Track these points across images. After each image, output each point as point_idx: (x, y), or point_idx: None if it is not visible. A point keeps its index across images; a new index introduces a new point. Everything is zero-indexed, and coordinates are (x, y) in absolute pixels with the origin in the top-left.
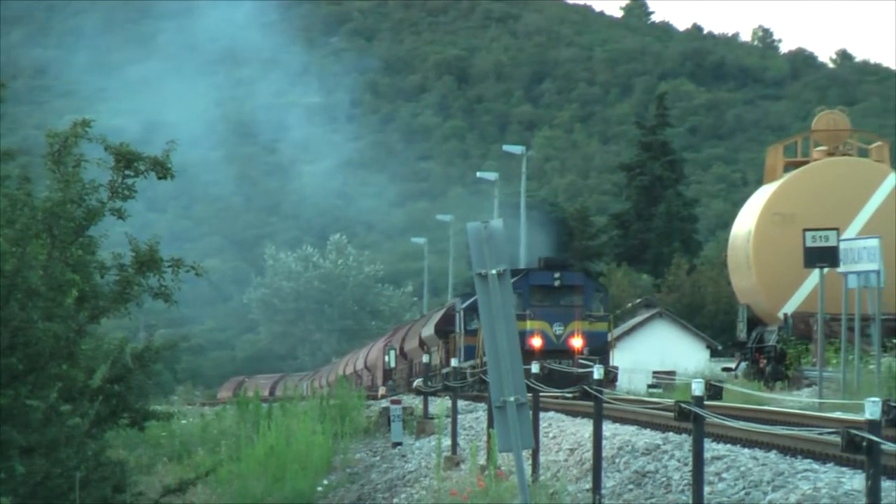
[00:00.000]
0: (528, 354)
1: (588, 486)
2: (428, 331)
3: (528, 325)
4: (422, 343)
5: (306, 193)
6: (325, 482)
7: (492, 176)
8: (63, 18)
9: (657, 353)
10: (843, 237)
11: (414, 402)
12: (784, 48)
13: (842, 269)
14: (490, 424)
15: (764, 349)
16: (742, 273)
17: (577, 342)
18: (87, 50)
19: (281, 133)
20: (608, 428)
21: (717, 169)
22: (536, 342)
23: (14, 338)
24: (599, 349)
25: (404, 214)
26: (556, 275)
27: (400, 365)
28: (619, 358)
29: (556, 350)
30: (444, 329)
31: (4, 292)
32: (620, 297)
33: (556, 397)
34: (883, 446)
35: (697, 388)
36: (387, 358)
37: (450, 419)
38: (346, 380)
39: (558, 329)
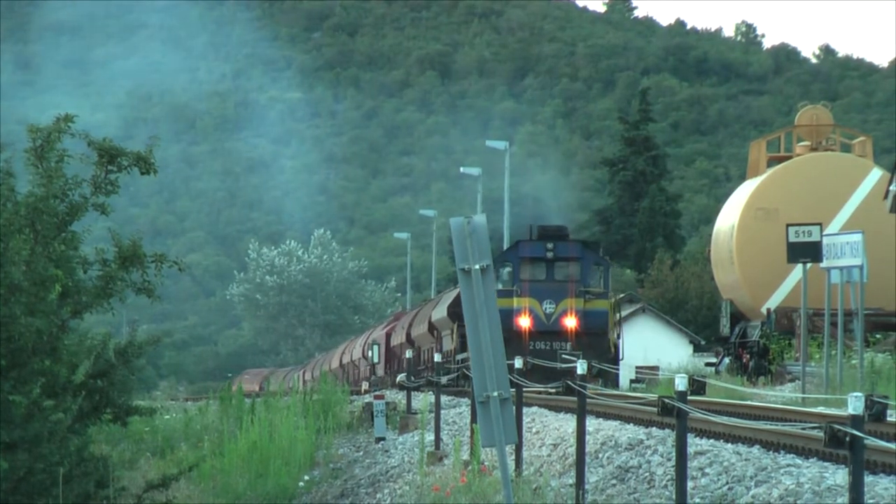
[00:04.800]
0: (516, 336)
1: (571, 481)
2: (439, 313)
3: (515, 302)
4: (432, 327)
5: (289, 188)
6: (308, 477)
7: (475, 171)
8: (45, 13)
9: (640, 348)
10: (826, 232)
11: (397, 397)
12: (767, 43)
13: (825, 264)
14: (473, 420)
15: (747, 344)
16: (725, 268)
17: (570, 322)
18: (68, 45)
19: (263, 128)
20: (591, 423)
21: (700, 164)
22: (524, 322)
23: None
24: (598, 331)
25: (387, 210)
26: (549, 245)
27: (404, 352)
28: None
29: (548, 331)
30: (458, 311)
31: None
32: None
33: (540, 392)
34: (865, 441)
35: (681, 384)
36: (370, 353)
37: (433, 414)
38: (343, 370)
39: (549, 307)
